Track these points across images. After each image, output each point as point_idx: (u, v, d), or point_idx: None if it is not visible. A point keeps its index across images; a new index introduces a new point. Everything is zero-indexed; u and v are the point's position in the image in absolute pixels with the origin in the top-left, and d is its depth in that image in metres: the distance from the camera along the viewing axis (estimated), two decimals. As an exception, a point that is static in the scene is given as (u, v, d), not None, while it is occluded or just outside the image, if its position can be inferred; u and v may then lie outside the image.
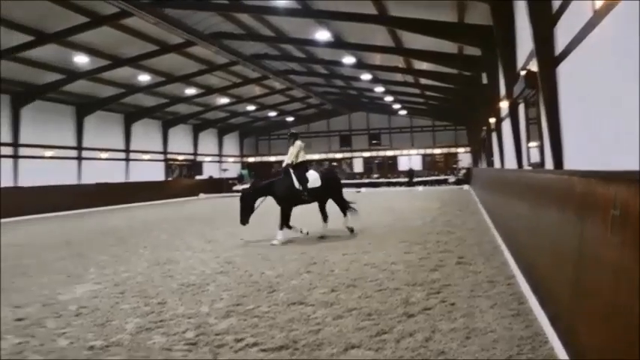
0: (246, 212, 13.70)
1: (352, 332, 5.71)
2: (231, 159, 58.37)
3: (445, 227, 15.07)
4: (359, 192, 42.79)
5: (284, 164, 14.17)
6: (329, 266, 9.59)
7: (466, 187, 42.41)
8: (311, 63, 35.55)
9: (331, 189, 14.40)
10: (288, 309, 6.72)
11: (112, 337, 5.89)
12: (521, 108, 18.49)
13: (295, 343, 5.40)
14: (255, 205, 13.83)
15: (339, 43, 28.15)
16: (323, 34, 26.21)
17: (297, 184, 13.67)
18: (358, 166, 60.69)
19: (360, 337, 5.53)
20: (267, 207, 14.65)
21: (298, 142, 14.15)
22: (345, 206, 14.58)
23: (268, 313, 6.54)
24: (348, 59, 31.21)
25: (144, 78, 33.70)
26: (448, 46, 24.31)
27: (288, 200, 13.73)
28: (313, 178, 13.95)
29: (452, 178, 51.23)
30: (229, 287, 8.15)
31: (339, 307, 6.72)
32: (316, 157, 60.67)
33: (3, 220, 25.08)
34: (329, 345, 5.35)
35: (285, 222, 13.59)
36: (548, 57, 12.22)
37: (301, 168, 13.95)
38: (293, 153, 14.02)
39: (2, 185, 28.73)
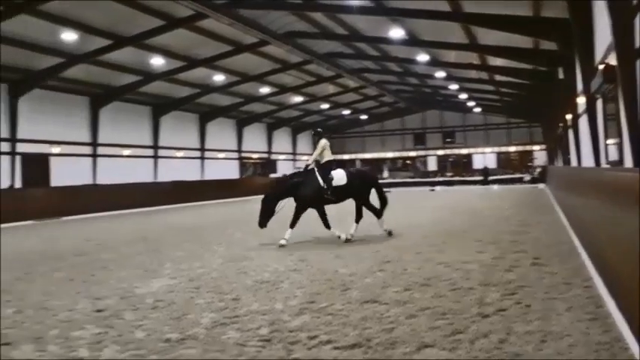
0: (266, 215, 13.30)
1: (426, 331, 5.67)
2: (304, 157, 58.73)
3: (520, 227, 14.76)
4: (433, 190, 42.39)
5: (307, 163, 13.89)
6: (402, 265, 9.53)
7: (541, 185, 41.41)
8: (385, 61, 35.41)
9: (359, 187, 13.60)
10: (362, 307, 6.71)
11: (188, 330, 6.01)
12: (599, 103, 17.95)
13: (368, 342, 5.40)
14: (277, 208, 13.43)
15: (412, 41, 27.96)
16: (397, 32, 26.07)
17: (322, 182, 13.26)
18: (432, 165, 60.15)
19: (433, 337, 5.48)
20: (344, 206, 14.50)
21: (322, 141, 13.77)
22: (361, 214, 13.76)
23: (342, 311, 6.55)
24: (422, 57, 30.94)
25: (219, 78, 34.29)
26: (523, 41, 23.81)
27: (314, 200, 13.40)
28: (339, 177, 13.44)
29: (527, 177, 50.15)
30: (303, 285, 8.20)
31: (413, 305, 6.68)
32: (390, 155, 60.49)
33: (82, 215, 25.95)
34: (402, 344, 5.32)
35: (293, 221, 13.39)
36: (628, 49, 11.82)
37: (326, 167, 13.55)
38: (317, 152, 13.76)
39: (81, 183, 29.79)
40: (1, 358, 5.32)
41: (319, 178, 13.32)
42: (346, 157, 59.90)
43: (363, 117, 57.22)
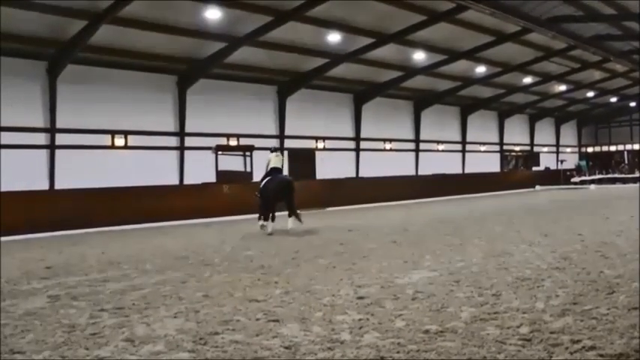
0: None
1: None
2: (568, 149, 55.69)
3: None
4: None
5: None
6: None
7: None
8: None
9: (272, 192, 16.01)
10: (629, 314, 6.19)
11: (447, 323, 6.01)
12: None
13: (637, 353, 4.95)
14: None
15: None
16: (676, 5, 23.58)
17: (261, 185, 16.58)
18: None
19: None
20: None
21: (269, 155, 17.24)
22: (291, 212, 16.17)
23: (607, 316, 6.10)
24: None
25: (480, 70, 33.83)
26: None
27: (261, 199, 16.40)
28: (263, 182, 16.60)
29: None
30: (565, 284, 7.81)
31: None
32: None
33: (345, 207, 27.23)
34: (677, 362, 4.81)
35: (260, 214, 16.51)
36: None
37: (266, 174, 16.74)
38: (266, 162, 17.22)
39: (344, 176, 31.24)
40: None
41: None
42: (612, 148, 55.51)
43: (632, 104, 52.49)
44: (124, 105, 23.24)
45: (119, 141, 23.31)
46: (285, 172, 29.25)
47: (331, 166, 31.05)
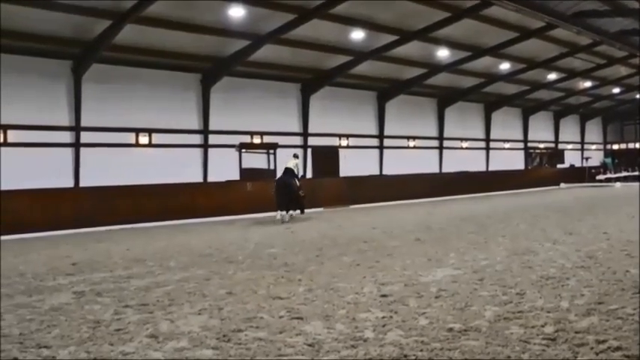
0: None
1: None
2: (593, 146, 55.10)
3: None
4: None
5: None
6: None
7: None
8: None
9: (279, 190, 18.94)
10: (658, 313, 6.13)
11: (471, 322, 5.97)
12: None
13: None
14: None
15: None
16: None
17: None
18: None
19: None
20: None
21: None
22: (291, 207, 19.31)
23: (633, 316, 6.01)
24: None
25: (504, 66, 33.60)
26: None
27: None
28: None
29: None
30: (591, 283, 7.72)
31: None
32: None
33: (368, 204, 27.19)
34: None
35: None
36: None
37: (283, 174, 19.80)
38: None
39: (368, 173, 31.16)
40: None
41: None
42: (638, 145, 54.73)
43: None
44: (148, 103, 23.51)
45: (143, 139, 23.60)
46: (309, 169, 29.58)
47: (354, 164, 31.05)
